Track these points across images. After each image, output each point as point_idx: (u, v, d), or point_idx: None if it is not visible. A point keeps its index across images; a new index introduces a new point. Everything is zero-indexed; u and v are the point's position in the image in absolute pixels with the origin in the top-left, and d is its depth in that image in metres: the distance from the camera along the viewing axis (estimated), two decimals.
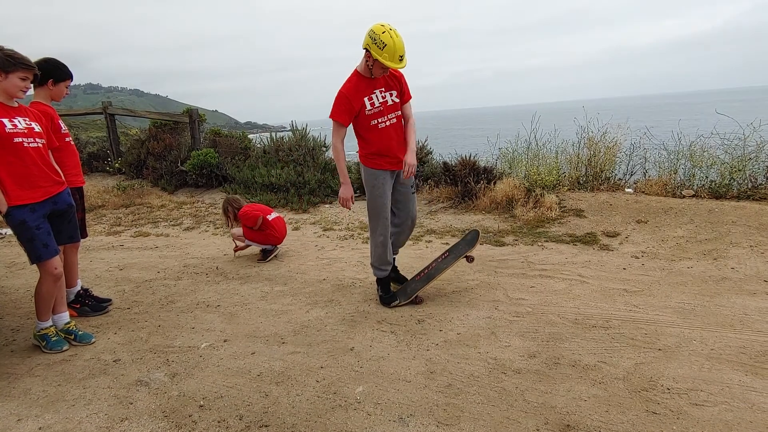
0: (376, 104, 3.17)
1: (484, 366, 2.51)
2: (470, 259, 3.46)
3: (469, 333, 2.89)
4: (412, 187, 3.43)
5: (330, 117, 3.17)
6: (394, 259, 3.60)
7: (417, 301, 3.37)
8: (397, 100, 3.24)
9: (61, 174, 2.93)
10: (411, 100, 3.35)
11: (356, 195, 3.45)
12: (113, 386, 2.46)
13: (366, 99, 3.14)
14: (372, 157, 3.23)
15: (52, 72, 3.15)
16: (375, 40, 2.94)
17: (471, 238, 3.54)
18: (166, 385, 2.45)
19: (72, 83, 3.34)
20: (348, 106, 3.12)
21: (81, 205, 3.47)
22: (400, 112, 3.27)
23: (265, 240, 4.66)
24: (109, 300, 3.62)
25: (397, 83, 3.25)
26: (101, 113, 9.31)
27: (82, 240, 3.44)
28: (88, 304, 3.48)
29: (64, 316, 3.01)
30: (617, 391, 2.24)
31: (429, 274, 3.49)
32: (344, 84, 3.17)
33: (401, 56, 2.97)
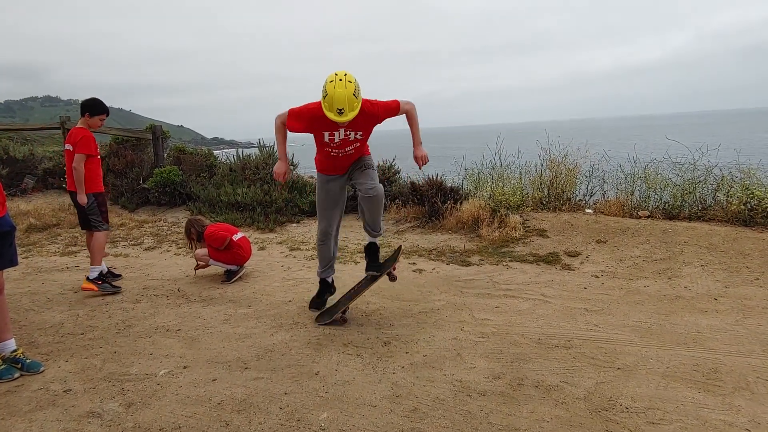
0: (336, 140, 3.11)
1: (449, 389, 2.51)
2: (393, 278, 3.40)
3: (435, 355, 2.90)
4: (360, 166, 3.31)
5: (288, 109, 3.12)
6: (371, 266, 3.48)
7: (341, 320, 3.38)
8: (361, 137, 3.16)
9: (3, 196, 2.83)
10: (399, 100, 3.20)
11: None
12: (62, 419, 2.33)
13: (326, 133, 3.07)
14: (320, 164, 3.39)
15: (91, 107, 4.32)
16: (323, 87, 2.87)
17: (394, 253, 3.45)
18: (121, 416, 2.34)
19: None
20: (299, 124, 3.08)
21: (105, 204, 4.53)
22: (359, 145, 3.21)
23: (232, 260, 4.56)
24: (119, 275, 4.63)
25: (369, 123, 3.10)
26: (59, 128, 8.97)
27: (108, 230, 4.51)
28: (109, 282, 4.33)
29: (10, 344, 2.84)
30: (578, 411, 2.28)
31: (352, 291, 3.55)
32: (311, 104, 3.05)
33: (340, 109, 2.80)
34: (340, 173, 3.40)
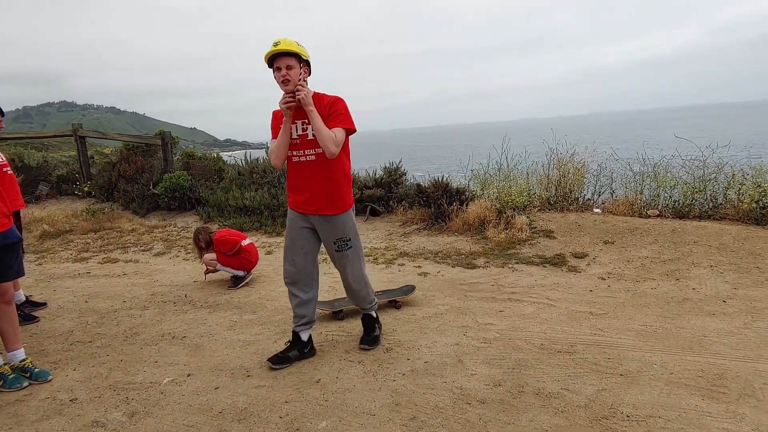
0: (294, 135, 2.78)
1: (449, 396, 2.51)
2: (398, 306, 3.79)
3: (436, 361, 2.89)
4: (335, 244, 2.92)
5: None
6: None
7: (339, 317, 3.64)
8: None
9: (9, 208, 2.88)
10: (345, 129, 2.74)
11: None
12: (68, 428, 2.38)
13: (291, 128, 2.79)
14: (289, 194, 2.96)
15: None
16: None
17: (407, 290, 3.93)
18: (124, 426, 2.38)
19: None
20: (274, 125, 2.88)
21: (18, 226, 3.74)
22: (321, 151, 2.72)
23: (240, 265, 4.61)
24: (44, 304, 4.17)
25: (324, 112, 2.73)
26: (71, 135, 9.14)
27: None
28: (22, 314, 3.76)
29: (20, 353, 2.90)
30: (578, 420, 2.26)
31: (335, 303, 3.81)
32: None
33: (276, 42, 2.65)
34: (305, 204, 2.87)
